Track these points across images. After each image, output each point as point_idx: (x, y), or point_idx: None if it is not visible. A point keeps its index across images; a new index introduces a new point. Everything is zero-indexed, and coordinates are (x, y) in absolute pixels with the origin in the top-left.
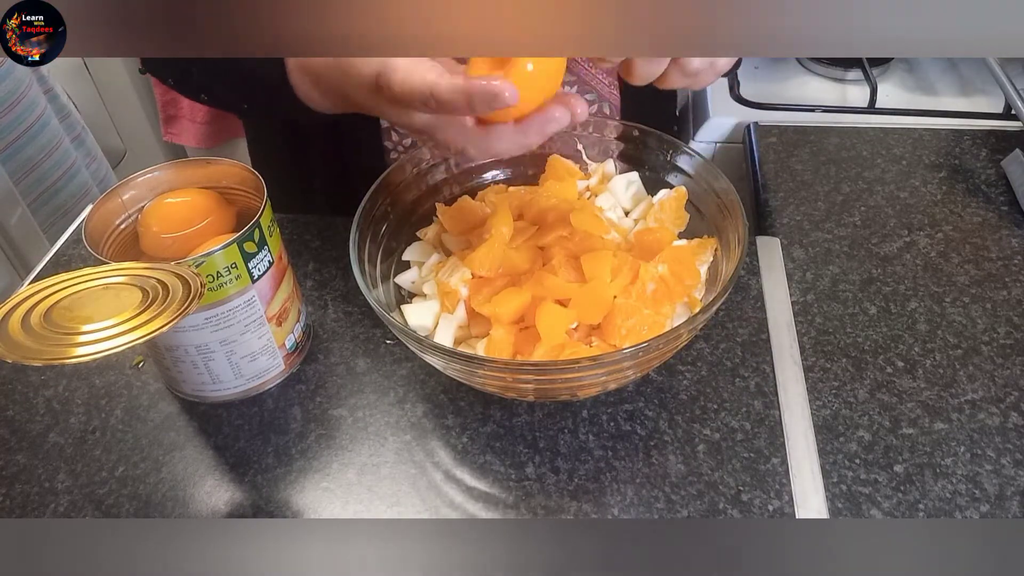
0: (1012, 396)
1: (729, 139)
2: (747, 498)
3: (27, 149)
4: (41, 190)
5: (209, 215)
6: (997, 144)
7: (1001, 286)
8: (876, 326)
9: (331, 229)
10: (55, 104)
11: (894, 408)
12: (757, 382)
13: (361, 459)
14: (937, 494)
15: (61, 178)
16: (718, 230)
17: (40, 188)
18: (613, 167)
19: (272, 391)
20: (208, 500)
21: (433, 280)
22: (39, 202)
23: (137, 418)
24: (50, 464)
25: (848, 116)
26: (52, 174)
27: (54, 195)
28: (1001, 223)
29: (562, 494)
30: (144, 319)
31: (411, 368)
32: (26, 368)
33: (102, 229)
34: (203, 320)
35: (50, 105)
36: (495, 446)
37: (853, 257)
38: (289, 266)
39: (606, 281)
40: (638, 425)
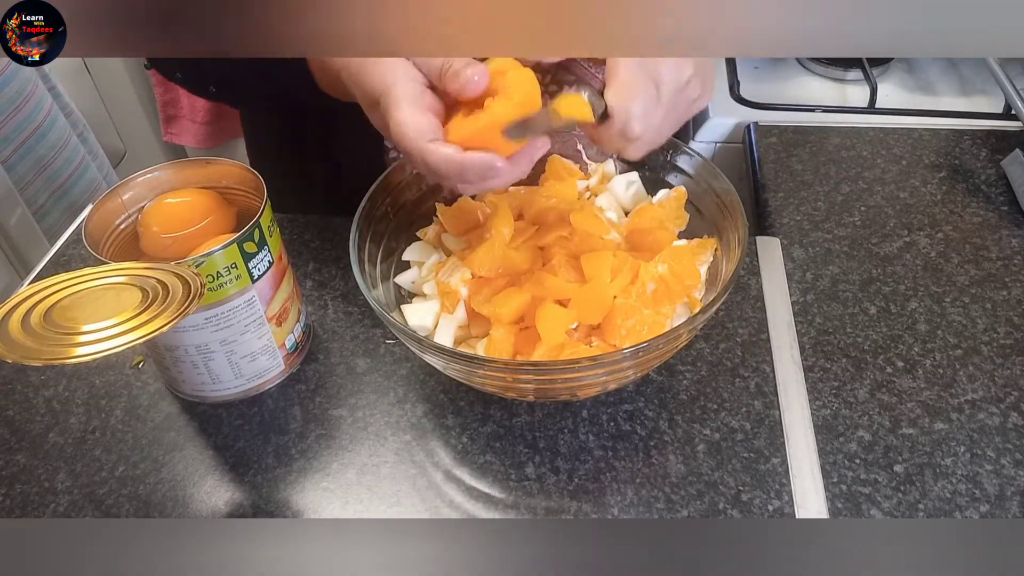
0: (1012, 396)
1: (729, 139)
2: (747, 498)
3: (38, 148)
4: (53, 188)
5: (209, 215)
6: (997, 144)
7: (1001, 286)
8: (876, 326)
9: (331, 229)
10: (59, 102)
11: (894, 408)
12: (757, 382)
13: (361, 459)
14: (937, 494)
15: (72, 176)
16: (718, 230)
17: (53, 186)
18: (613, 167)
19: (272, 391)
20: (208, 500)
21: (433, 280)
22: (52, 200)
23: (137, 418)
24: (50, 464)
25: (848, 116)
26: (63, 172)
27: (65, 194)
28: (1001, 223)
29: (562, 494)
30: (144, 319)
31: (411, 368)
32: (26, 368)
33: (102, 229)
34: (203, 320)
35: (55, 103)
36: (495, 446)
37: (853, 257)
38: (289, 266)
39: (606, 281)
40: (638, 425)
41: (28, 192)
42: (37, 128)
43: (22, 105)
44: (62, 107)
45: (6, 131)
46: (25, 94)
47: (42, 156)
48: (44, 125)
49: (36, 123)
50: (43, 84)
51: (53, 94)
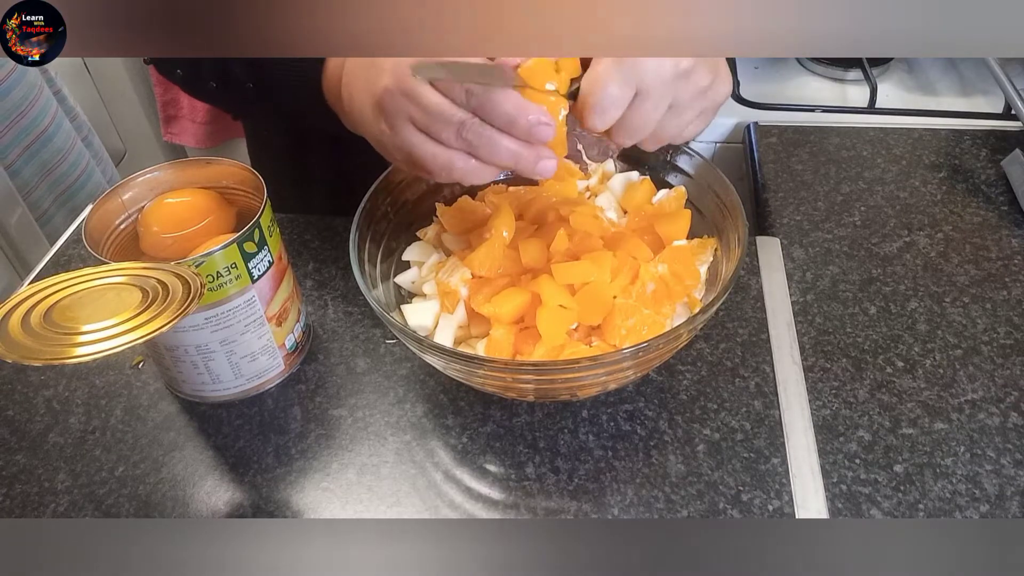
0: (1012, 396)
1: (729, 139)
2: (747, 498)
3: (43, 152)
4: (58, 192)
5: (209, 215)
6: (997, 144)
7: (1001, 286)
8: (876, 326)
9: (331, 229)
10: (64, 106)
11: (894, 408)
12: (757, 382)
13: (361, 459)
14: (937, 494)
15: (77, 180)
16: (718, 230)
17: (58, 190)
18: (613, 167)
19: (272, 391)
20: (208, 500)
21: (433, 280)
22: (56, 204)
23: (137, 418)
24: (50, 464)
25: (848, 116)
26: (68, 176)
27: (70, 198)
28: (1001, 223)
29: (562, 494)
30: (144, 319)
31: (411, 368)
32: (26, 368)
33: (102, 229)
34: (203, 320)
35: (60, 106)
36: (495, 446)
37: (853, 257)
38: (289, 266)
39: (606, 281)
40: (638, 425)
41: (33, 196)
42: (43, 132)
43: (27, 110)
44: (67, 111)
45: (11, 135)
46: (31, 98)
47: (47, 160)
48: (49, 129)
49: (42, 127)
50: (48, 88)
51: (58, 98)
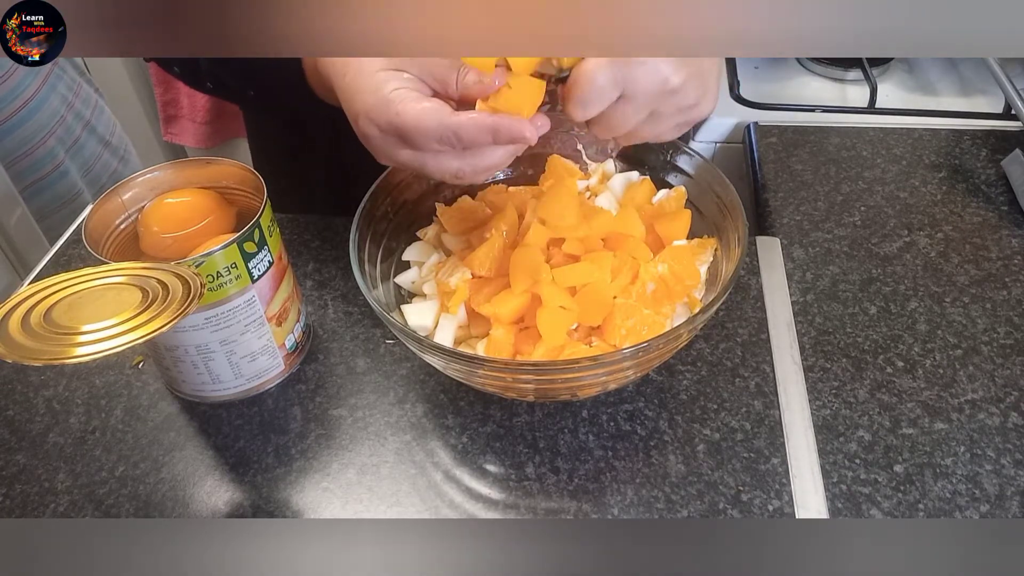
0: (1012, 396)
1: (729, 139)
2: (747, 498)
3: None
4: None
5: (209, 215)
6: (997, 144)
7: (1001, 286)
8: (876, 326)
9: (331, 229)
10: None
11: (894, 408)
12: (757, 382)
13: (361, 459)
14: (937, 494)
15: (83, 178)
16: (718, 230)
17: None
18: (613, 167)
19: (272, 391)
20: (208, 500)
21: (433, 280)
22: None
23: (137, 418)
24: (50, 464)
25: (848, 116)
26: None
27: (78, 195)
28: (1001, 223)
29: (562, 494)
30: (144, 319)
31: (411, 368)
32: (26, 368)
33: (102, 229)
34: (203, 320)
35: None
36: (495, 446)
37: (853, 257)
38: (289, 266)
39: (606, 281)
40: (638, 425)
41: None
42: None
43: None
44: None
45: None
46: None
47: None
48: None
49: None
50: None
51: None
